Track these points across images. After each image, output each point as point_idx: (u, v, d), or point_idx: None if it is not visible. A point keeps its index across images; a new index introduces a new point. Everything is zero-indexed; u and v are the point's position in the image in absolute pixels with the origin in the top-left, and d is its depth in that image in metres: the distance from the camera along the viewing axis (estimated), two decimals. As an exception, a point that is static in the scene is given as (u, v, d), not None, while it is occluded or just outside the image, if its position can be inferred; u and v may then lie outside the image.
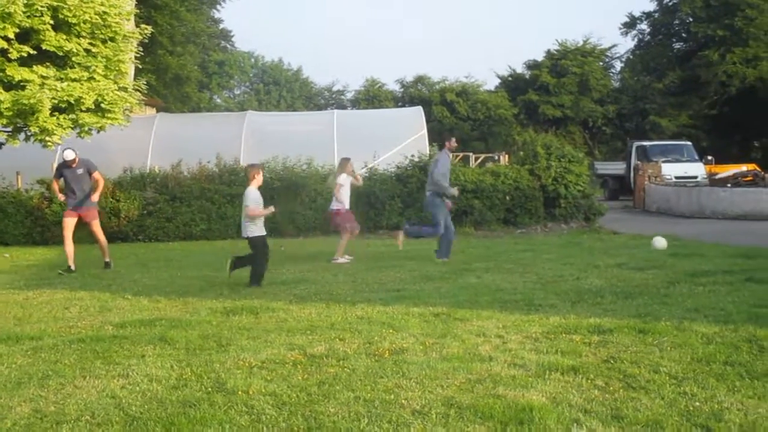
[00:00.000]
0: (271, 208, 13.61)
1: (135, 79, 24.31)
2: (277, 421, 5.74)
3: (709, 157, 43.95)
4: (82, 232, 20.20)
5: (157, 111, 37.44)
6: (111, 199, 22.46)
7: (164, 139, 27.64)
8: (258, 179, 13.85)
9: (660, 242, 15.69)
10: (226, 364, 7.40)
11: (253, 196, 13.42)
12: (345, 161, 17.62)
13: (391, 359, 7.41)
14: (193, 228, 22.75)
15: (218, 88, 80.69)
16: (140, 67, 25.83)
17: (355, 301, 10.85)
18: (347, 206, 17.08)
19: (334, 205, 17.05)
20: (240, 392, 6.45)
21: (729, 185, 34.45)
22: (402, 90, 67.37)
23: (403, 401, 6.13)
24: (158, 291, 12.38)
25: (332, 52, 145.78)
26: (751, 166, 43.35)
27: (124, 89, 20.45)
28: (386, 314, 9.78)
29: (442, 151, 16.59)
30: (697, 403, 5.99)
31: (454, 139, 16.69)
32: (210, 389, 6.59)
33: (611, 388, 6.43)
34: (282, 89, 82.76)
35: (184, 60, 49.84)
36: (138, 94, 21.70)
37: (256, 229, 13.32)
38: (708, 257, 15.31)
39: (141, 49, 23.88)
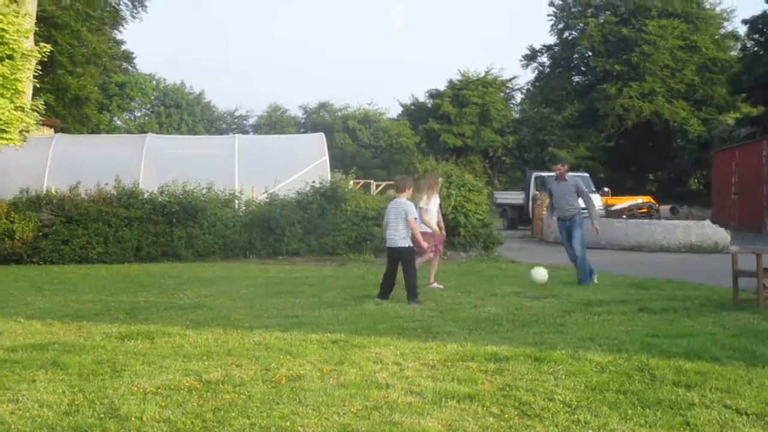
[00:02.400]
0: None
1: (33, 98, 23.95)
2: (170, 448, 5.66)
3: (606, 189, 44.73)
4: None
5: (56, 131, 36.89)
6: (5, 221, 22.02)
7: (62, 160, 27.23)
8: (408, 193, 14.12)
9: (539, 274, 15.67)
10: (119, 389, 7.27)
11: (412, 206, 13.88)
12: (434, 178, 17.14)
13: (288, 386, 7.36)
14: (90, 251, 22.38)
15: (119, 110, 79.82)
16: (38, 86, 25.49)
17: (253, 327, 10.76)
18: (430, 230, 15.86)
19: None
20: (134, 418, 6.34)
21: (624, 217, 35.16)
22: (305, 116, 67.55)
23: (299, 428, 6.09)
24: (52, 314, 12.13)
25: (235, 77, 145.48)
26: (647, 198, 44.37)
27: (21, 109, 20.13)
28: (284, 340, 9.72)
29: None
30: (590, 431, 6.06)
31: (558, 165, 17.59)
32: (103, 415, 6.47)
33: (506, 415, 6.47)
34: (183, 112, 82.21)
35: (84, 80, 49.18)
36: (36, 114, 21.36)
37: (406, 239, 13.79)
38: (603, 287, 15.55)
39: (39, 68, 23.54)
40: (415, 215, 13.77)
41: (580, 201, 16.96)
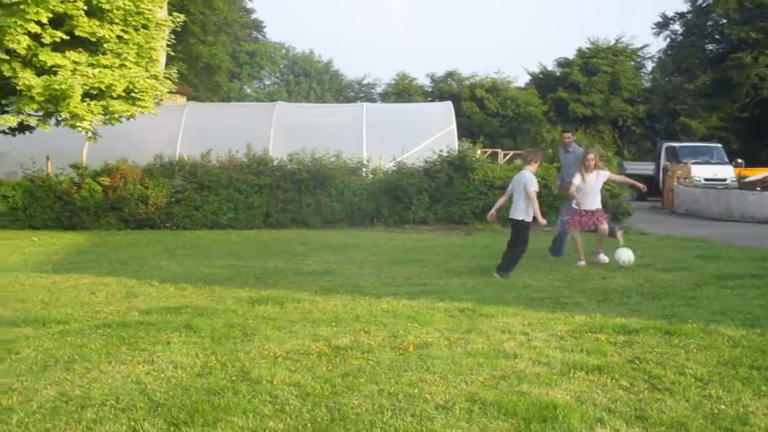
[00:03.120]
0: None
1: (166, 67, 24.37)
2: (300, 412, 5.74)
3: (739, 160, 43.65)
4: (112, 217, 20.45)
5: (188, 99, 37.59)
6: (140, 186, 22.53)
7: (194, 128, 27.76)
8: (536, 165, 14.10)
9: (625, 254, 14.89)
10: (250, 353, 7.41)
11: (534, 180, 13.76)
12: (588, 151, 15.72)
13: (416, 353, 7.40)
14: (221, 217, 22.78)
15: (248, 79, 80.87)
16: (172, 55, 25.89)
17: (381, 294, 10.84)
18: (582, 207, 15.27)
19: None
20: (264, 382, 6.46)
21: (758, 189, 34.26)
22: (432, 85, 67.26)
23: (426, 395, 6.12)
24: (185, 279, 12.42)
25: (363, 45, 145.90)
26: (781, 170, 43.06)
27: (155, 77, 20.54)
28: (411, 308, 9.77)
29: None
30: (722, 406, 5.96)
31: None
32: (234, 378, 6.61)
33: (636, 388, 6.40)
34: (312, 81, 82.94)
35: (215, 49, 49.96)
36: (169, 82, 21.76)
37: (526, 213, 13.79)
38: (736, 260, 15.21)
39: (173, 37, 23.96)
40: (535, 188, 13.63)
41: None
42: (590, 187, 15.07)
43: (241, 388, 6.31)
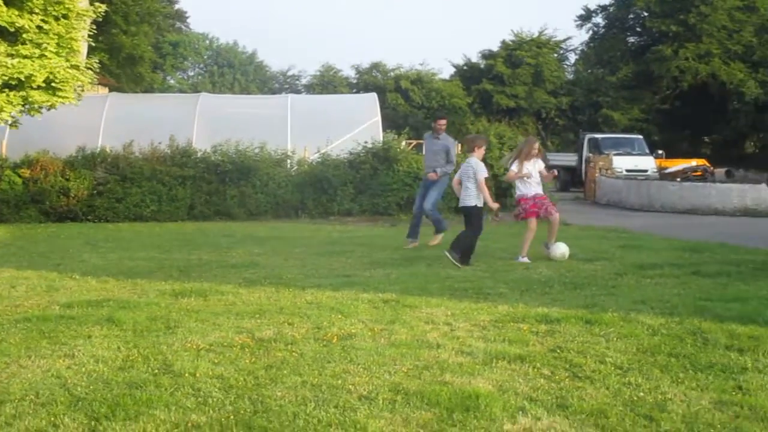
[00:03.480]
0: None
1: (87, 57, 24.04)
2: (223, 404, 5.72)
3: (660, 152, 44.34)
4: (33, 210, 20.17)
5: (110, 90, 37.10)
6: (61, 178, 22.24)
7: (116, 119, 27.42)
8: (481, 152, 14.24)
9: (561, 249, 14.35)
10: (173, 346, 7.36)
11: (482, 166, 13.95)
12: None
13: (340, 344, 7.41)
14: (144, 209, 22.57)
15: (172, 69, 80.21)
16: (93, 45, 25.52)
17: (305, 286, 10.84)
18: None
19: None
20: (187, 374, 6.42)
21: (679, 179, 34.87)
22: (357, 76, 67.31)
23: (350, 386, 6.13)
24: (107, 272, 12.28)
25: (288, 36, 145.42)
26: (701, 162, 43.95)
27: (76, 67, 20.25)
28: (335, 299, 9.78)
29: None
30: (642, 394, 6.05)
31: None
32: (157, 371, 6.56)
33: (557, 377, 6.48)
34: (236, 72, 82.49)
35: (138, 40, 49.32)
36: (90, 72, 21.47)
37: (477, 199, 13.81)
38: (656, 250, 15.45)
39: (94, 27, 23.64)
40: (485, 175, 13.84)
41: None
42: (534, 175, 14.79)
43: (163, 381, 6.26)
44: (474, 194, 13.75)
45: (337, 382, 6.25)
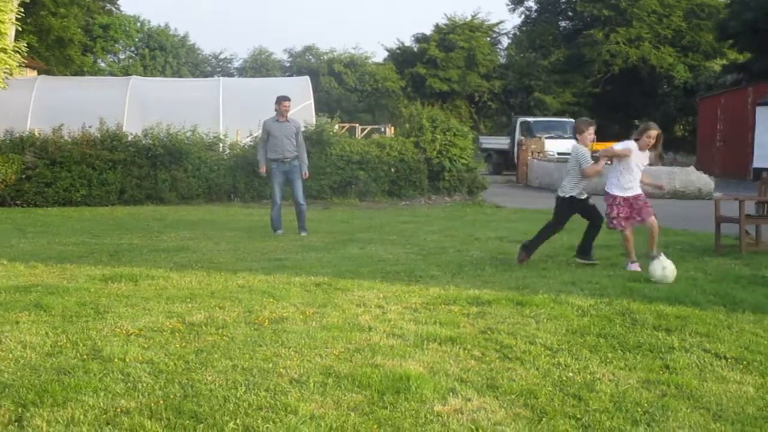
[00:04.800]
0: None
1: (15, 40, 23.70)
2: (153, 389, 5.67)
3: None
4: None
5: (39, 73, 36.59)
6: (-12, 163, 21.90)
7: (45, 102, 27.06)
8: (584, 137, 12.29)
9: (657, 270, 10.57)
10: (102, 331, 7.28)
11: (585, 153, 12.20)
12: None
13: (271, 328, 7.38)
14: (73, 194, 22.28)
15: (103, 52, 79.17)
16: (21, 28, 25.17)
17: (237, 270, 10.79)
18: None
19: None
20: (116, 360, 6.35)
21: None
22: (290, 60, 67.16)
23: (281, 370, 6.11)
24: (35, 257, 12.10)
25: (220, 18, 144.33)
26: (631, 144, 44.26)
27: (4, 50, 19.99)
28: (267, 283, 9.75)
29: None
30: (571, 374, 6.11)
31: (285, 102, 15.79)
32: (85, 356, 6.48)
33: (487, 358, 6.52)
34: (168, 55, 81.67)
35: (67, 22, 48.66)
36: (18, 55, 21.18)
37: (576, 189, 12.28)
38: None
39: (22, 10, 23.32)
40: (588, 163, 11.98)
41: None
42: (636, 171, 12.10)
43: (92, 366, 6.19)
44: (569, 186, 12.33)
45: (268, 365, 6.23)
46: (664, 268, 10.08)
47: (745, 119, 40.26)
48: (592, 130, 12.31)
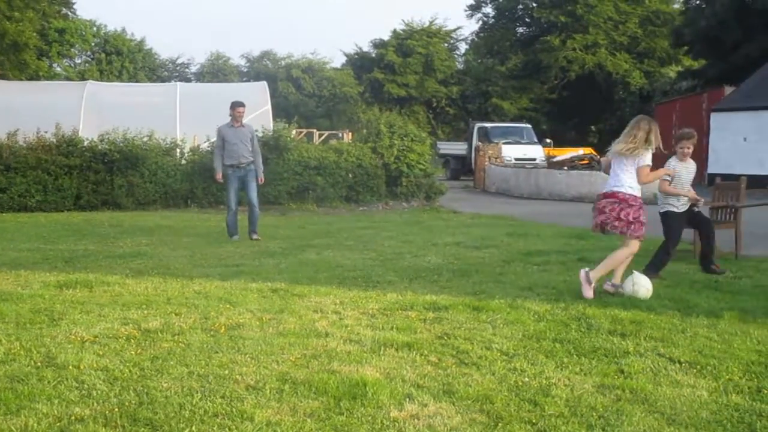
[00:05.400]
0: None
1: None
2: (108, 397, 5.63)
3: (548, 140, 45.09)
4: None
5: (-7, 78, 36.27)
6: (-60, 168, 21.65)
7: (0, 107, 26.81)
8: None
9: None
10: (57, 338, 7.22)
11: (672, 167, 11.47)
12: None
13: (227, 334, 7.36)
14: (28, 199, 22.08)
15: (58, 57, 78.52)
16: (-26, 32, 24.93)
17: (193, 276, 10.75)
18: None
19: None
20: (71, 367, 6.30)
21: (566, 168, 35.45)
22: (248, 65, 67.05)
23: (237, 376, 6.10)
24: (-11, 263, 12.00)
25: (177, 23, 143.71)
26: (588, 150, 44.79)
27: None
28: (224, 289, 9.72)
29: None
30: (527, 379, 6.14)
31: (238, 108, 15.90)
32: (39, 364, 6.42)
33: (444, 363, 6.53)
34: (125, 60, 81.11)
35: (22, 26, 48.19)
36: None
37: (676, 203, 11.57)
38: (543, 238, 15.70)
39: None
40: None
41: None
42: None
43: (46, 374, 6.14)
44: (662, 197, 11.71)
45: (224, 372, 6.21)
46: (634, 283, 9.54)
47: (700, 125, 40.62)
48: (683, 143, 11.48)
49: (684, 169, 11.53)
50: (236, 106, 15.85)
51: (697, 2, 53.61)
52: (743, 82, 40.11)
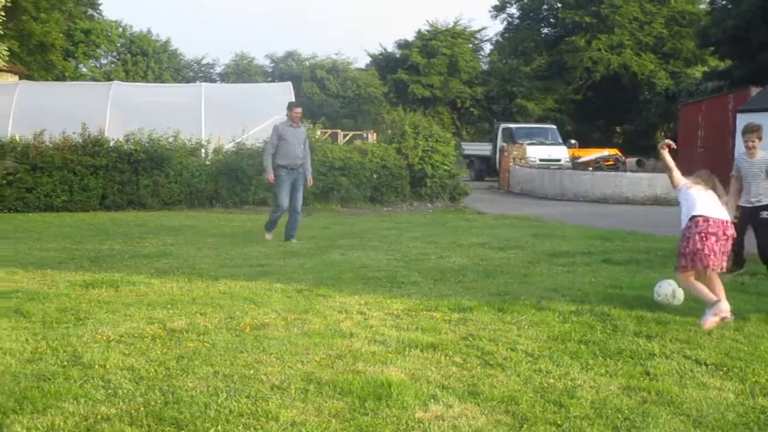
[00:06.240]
0: None
1: (-4, 44, 23.56)
2: (134, 396, 5.66)
3: (573, 141, 44.90)
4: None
5: (20, 78, 36.43)
6: (-32, 168, 21.78)
7: (27, 108, 26.90)
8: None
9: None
10: (83, 337, 7.26)
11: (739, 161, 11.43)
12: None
13: (252, 334, 7.38)
14: (55, 199, 22.18)
15: (84, 57, 78.85)
16: (2, 33, 25.02)
17: (218, 276, 10.76)
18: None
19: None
20: (97, 366, 6.33)
21: (591, 169, 35.35)
22: (272, 65, 67.13)
23: (262, 376, 6.11)
24: (15, 263, 12.02)
25: (202, 24, 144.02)
26: (613, 151, 44.61)
27: (-16, 54, 19.85)
28: (249, 289, 9.73)
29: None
30: (552, 380, 6.13)
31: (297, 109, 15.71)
32: (66, 363, 6.46)
33: (469, 365, 6.53)
34: (150, 60, 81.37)
35: (49, 27, 48.39)
36: (-1, 60, 21.07)
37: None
38: (568, 238, 15.66)
39: (3, 14, 23.19)
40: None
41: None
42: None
43: (72, 373, 6.17)
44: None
45: (249, 372, 6.23)
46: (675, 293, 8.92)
47: (726, 126, 40.28)
48: (747, 137, 11.35)
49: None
50: (294, 106, 15.70)
51: (723, 2, 53.31)
52: (770, 82, 39.82)
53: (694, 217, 8.68)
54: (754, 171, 11.32)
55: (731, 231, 8.66)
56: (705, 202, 8.80)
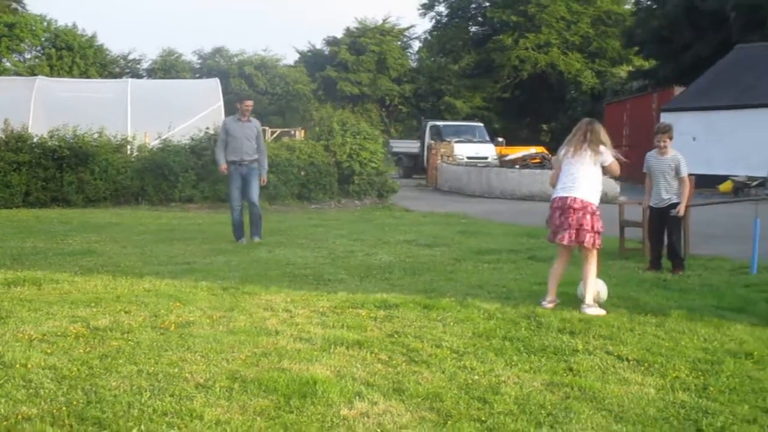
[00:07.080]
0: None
1: None
2: (55, 395, 5.58)
3: (500, 139, 45.24)
4: None
5: (-59, 73, 35.85)
6: None
7: (-53, 103, 26.48)
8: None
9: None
10: (4, 336, 7.15)
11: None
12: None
13: (177, 332, 7.33)
14: (-24, 196, 21.85)
15: (8, 52, 77.66)
16: None
17: (143, 274, 10.67)
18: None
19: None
20: (18, 366, 6.24)
21: (518, 166, 35.65)
22: (200, 61, 66.72)
23: (187, 375, 6.07)
24: (-65, 260, 11.85)
25: (128, 19, 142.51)
26: (540, 149, 45.03)
27: None
28: (174, 287, 9.67)
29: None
30: (476, 377, 6.17)
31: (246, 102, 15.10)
32: (-14, 363, 6.37)
33: (394, 361, 6.55)
34: (75, 55, 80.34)
35: (-29, 21, 47.70)
36: None
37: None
38: (494, 236, 15.78)
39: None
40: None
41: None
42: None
43: (-8, 372, 6.09)
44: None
45: (173, 370, 6.18)
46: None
47: (650, 124, 40.76)
48: (658, 137, 11.97)
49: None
50: (244, 99, 15.17)
51: (648, 3, 54.15)
52: (693, 82, 40.51)
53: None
54: (663, 168, 11.85)
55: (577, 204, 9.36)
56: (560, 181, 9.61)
